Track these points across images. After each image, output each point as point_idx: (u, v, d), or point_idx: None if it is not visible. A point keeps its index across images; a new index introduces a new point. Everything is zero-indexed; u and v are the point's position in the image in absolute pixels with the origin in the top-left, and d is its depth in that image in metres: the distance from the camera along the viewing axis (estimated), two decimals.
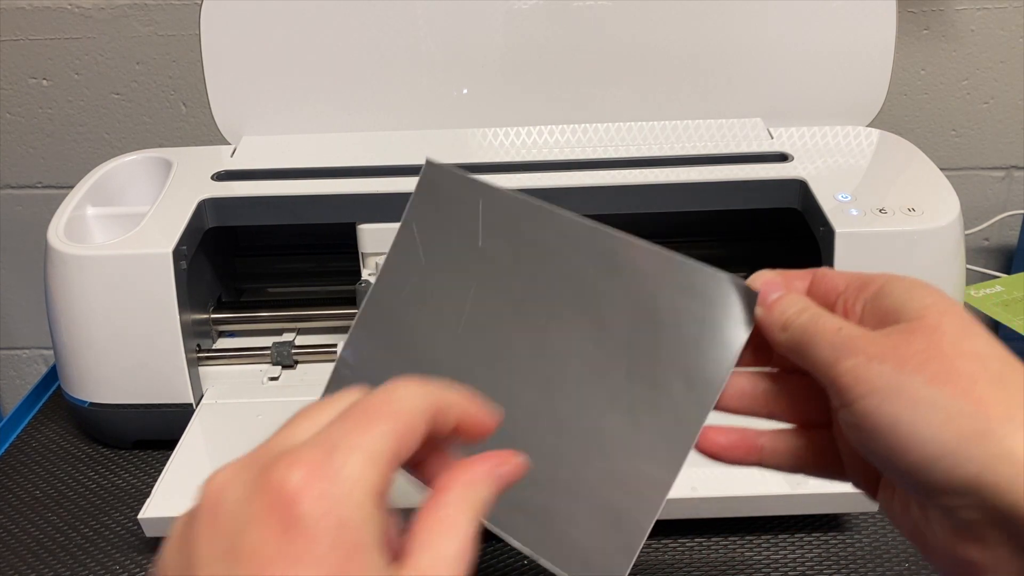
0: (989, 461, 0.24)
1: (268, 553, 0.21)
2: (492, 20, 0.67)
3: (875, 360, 0.27)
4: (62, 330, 0.57)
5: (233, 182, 0.62)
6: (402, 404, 0.25)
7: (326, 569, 0.21)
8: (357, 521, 0.22)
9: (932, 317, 0.27)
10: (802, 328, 0.29)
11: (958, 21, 0.90)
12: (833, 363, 0.28)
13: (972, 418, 0.25)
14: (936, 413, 0.25)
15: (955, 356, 0.26)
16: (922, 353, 0.26)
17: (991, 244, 1.00)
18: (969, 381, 0.25)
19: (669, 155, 0.63)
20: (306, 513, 0.22)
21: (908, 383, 0.26)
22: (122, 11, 0.91)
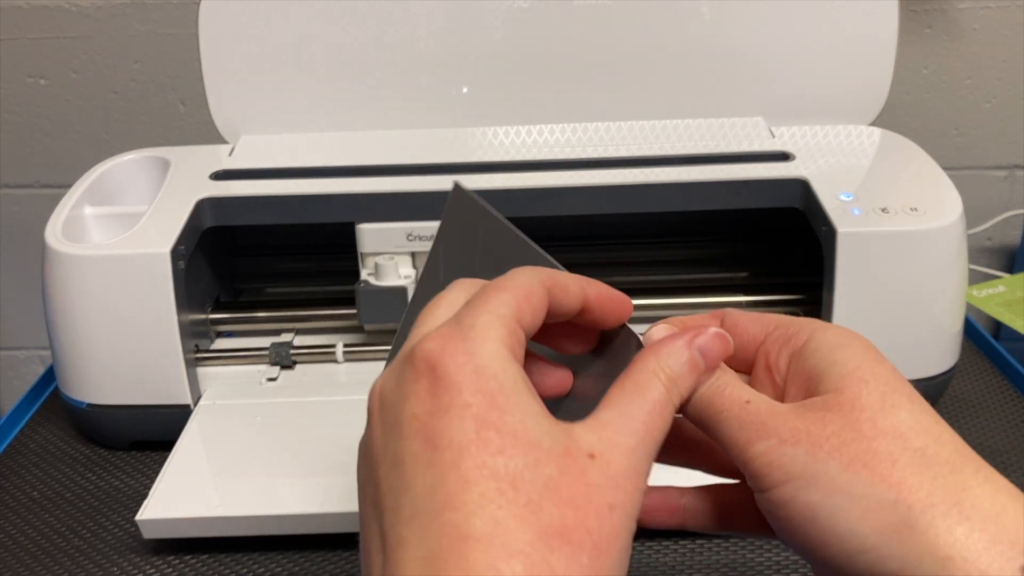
0: (911, 557, 0.23)
1: (422, 413, 0.23)
2: (492, 19, 0.66)
3: (788, 443, 0.25)
4: (59, 330, 0.56)
5: (231, 181, 0.62)
6: (516, 279, 0.26)
7: (474, 411, 0.22)
8: (494, 368, 0.23)
9: (851, 388, 0.25)
10: (706, 401, 0.27)
11: (960, 20, 0.89)
12: (744, 446, 0.26)
13: (891, 509, 0.23)
14: (854, 504, 0.23)
15: (873, 436, 0.24)
16: (838, 435, 0.24)
17: (994, 244, 1.00)
18: (888, 463, 0.24)
19: (670, 154, 0.63)
20: (446, 369, 0.23)
21: (824, 470, 0.24)
22: (120, 10, 0.91)
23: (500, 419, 0.23)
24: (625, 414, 0.25)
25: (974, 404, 0.62)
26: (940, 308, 0.56)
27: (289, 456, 0.53)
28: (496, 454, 0.22)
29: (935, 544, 0.23)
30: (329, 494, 0.49)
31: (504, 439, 0.22)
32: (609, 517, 0.22)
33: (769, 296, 0.63)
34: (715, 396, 0.27)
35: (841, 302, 0.54)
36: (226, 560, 0.50)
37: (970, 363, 0.67)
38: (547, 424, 0.23)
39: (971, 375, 0.66)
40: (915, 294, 0.55)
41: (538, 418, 0.23)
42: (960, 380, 0.64)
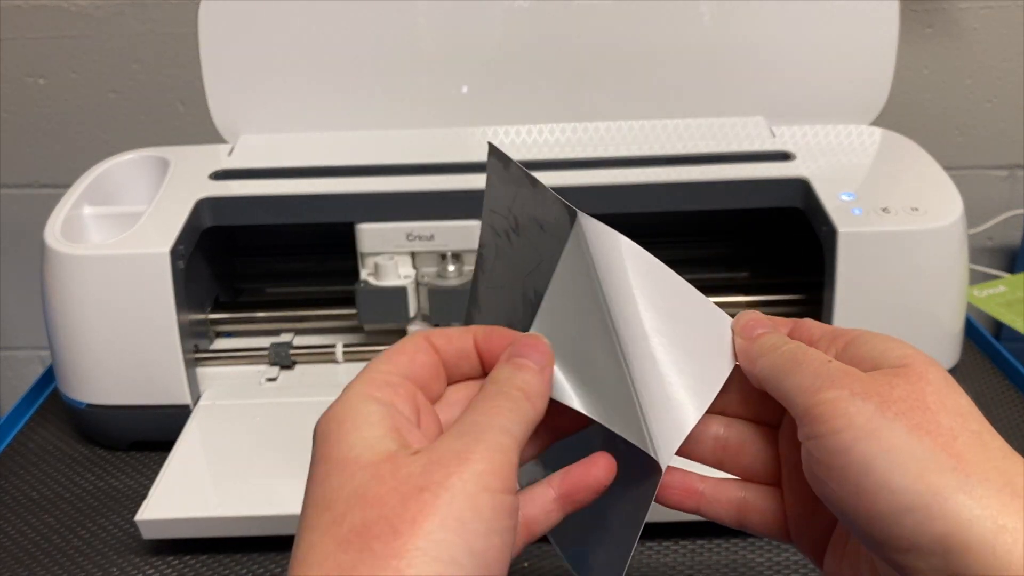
0: (961, 521, 0.23)
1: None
2: (491, 18, 0.66)
3: (859, 396, 0.26)
4: (59, 331, 0.56)
5: (231, 181, 0.62)
6: (397, 343, 0.30)
7: (317, 454, 0.27)
8: (340, 411, 0.27)
9: (917, 365, 0.27)
10: (789, 354, 0.29)
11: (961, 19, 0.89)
12: (815, 391, 0.27)
13: (950, 473, 0.24)
14: (912, 462, 0.24)
15: (938, 409, 0.25)
16: (905, 400, 0.25)
17: (994, 243, 1.00)
18: (950, 435, 0.25)
19: (670, 154, 0.63)
20: (313, 436, 0.28)
21: (888, 427, 0.25)
22: (119, 9, 0.91)
23: (329, 451, 0.26)
24: (459, 422, 0.28)
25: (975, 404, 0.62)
26: (941, 308, 0.56)
27: (289, 456, 0.52)
28: (321, 483, 0.26)
29: (990, 512, 0.23)
30: None
31: (330, 466, 0.26)
32: (418, 498, 0.24)
33: (769, 296, 0.63)
34: (799, 351, 0.29)
35: (842, 302, 0.54)
36: (225, 560, 0.50)
37: (971, 363, 0.67)
38: (375, 441, 0.26)
39: (972, 375, 0.65)
40: (916, 294, 0.55)
41: (368, 439, 0.26)
42: (960, 380, 0.63)
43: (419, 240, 0.59)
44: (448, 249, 0.60)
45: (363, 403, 0.27)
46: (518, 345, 0.30)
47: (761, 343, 0.30)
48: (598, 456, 0.30)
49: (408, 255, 0.60)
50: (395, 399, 0.28)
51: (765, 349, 0.30)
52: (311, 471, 0.27)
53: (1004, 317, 0.71)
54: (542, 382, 0.29)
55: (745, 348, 0.31)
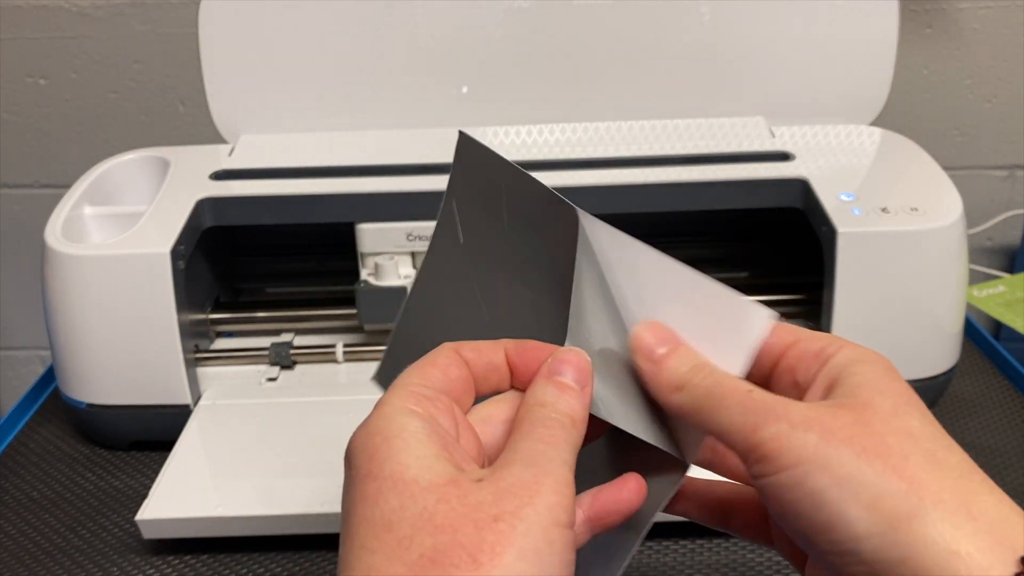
0: (916, 547, 0.23)
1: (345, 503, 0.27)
2: (491, 18, 0.66)
3: (799, 428, 0.25)
4: (59, 330, 0.56)
5: (231, 181, 0.62)
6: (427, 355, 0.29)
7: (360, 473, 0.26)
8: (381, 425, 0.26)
9: (864, 394, 0.26)
10: (706, 390, 0.27)
11: (961, 20, 0.89)
12: (752, 430, 0.25)
13: (902, 498, 0.23)
14: (864, 491, 0.24)
15: (886, 432, 0.25)
16: (850, 427, 0.25)
17: (994, 244, 1.00)
18: (900, 457, 0.24)
19: (670, 154, 0.63)
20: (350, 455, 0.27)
21: (835, 456, 0.24)
22: (120, 9, 0.91)
23: (379, 468, 0.25)
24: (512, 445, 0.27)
25: (974, 404, 0.62)
26: (940, 308, 0.56)
27: (289, 456, 0.52)
28: (375, 502, 0.25)
29: (942, 537, 0.23)
30: (329, 494, 0.49)
31: (382, 484, 0.25)
32: (493, 527, 0.23)
33: (769, 296, 0.63)
34: (714, 386, 0.27)
35: (841, 302, 0.54)
36: (226, 560, 0.50)
37: (970, 363, 0.67)
38: (431, 461, 0.25)
39: (971, 375, 0.65)
40: (915, 294, 0.55)
41: (423, 458, 0.25)
42: (960, 380, 0.64)
43: (419, 240, 0.59)
44: None
45: (406, 418, 0.26)
46: (556, 362, 0.29)
47: (670, 370, 0.28)
48: (628, 478, 0.29)
49: (408, 255, 0.60)
50: (436, 413, 0.27)
51: (678, 380, 0.28)
52: (357, 488, 0.25)
53: (1004, 317, 0.71)
54: (584, 405, 0.29)
55: (652, 374, 0.29)
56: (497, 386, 0.30)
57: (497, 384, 0.30)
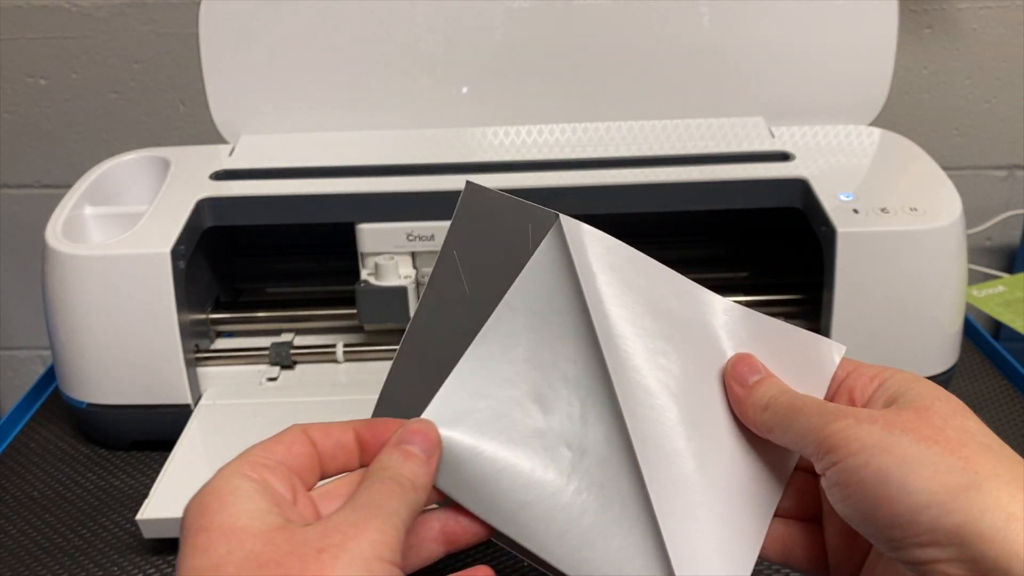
0: (974, 513, 0.25)
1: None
2: (492, 19, 0.66)
3: (864, 422, 0.28)
4: (60, 330, 0.56)
5: (231, 181, 0.62)
6: (270, 437, 0.31)
7: (190, 527, 0.27)
8: (215, 485, 0.28)
9: (923, 401, 0.29)
10: (786, 404, 0.31)
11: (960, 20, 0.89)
12: (821, 426, 0.29)
13: (959, 472, 0.26)
14: (924, 467, 0.26)
15: (944, 427, 0.27)
16: (911, 421, 0.28)
17: (993, 244, 1.00)
18: (958, 444, 0.27)
19: (670, 154, 0.63)
20: (183, 516, 0.28)
21: (898, 441, 0.27)
22: (120, 10, 0.91)
23: (210, 521, 0.26)
24: (353, 499, 0.28)
25: (974, 404, 0.62)
26: (940, 308, 0.56)
27: None
28: (203, 552, 0.26)
29: (998, 504, 0.25)
30: None
31: (212, 534, 0.26)
32: (317, 558, 0.25)
33: (769, 296, 0.63)
34: (794, 400, 0.31)
35: (841, 302, 0.54)
36: None
37: (970, 363, 0.67)
38: (262, 513, 0.26)
39: (971, 375, 0.66)
40: (915, 294, 0.55)
41: (253, 511, 0.26)
42: (960, 380, 0.64)
43: (419, 240, 0.59)
44: None
45: (240, 480, 0.28)
46: (406, 432, 0.31)
47: (759, 395, 0.32)
48: (477, 571, 0.31)
49: (408, 255, 0.60)
50: (272, 480, 0.28)
51: (765, 401, 0.32)
52: (189, 542, 0.26)
53: (1003, 317, 0.71)
54: (428, 473, 0.30)
55: (742, 398, 0.32)
56: (345, 465, 0.31)
57: (345, 463, 0.31)
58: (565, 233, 0.33)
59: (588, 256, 0.33)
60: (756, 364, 0.33)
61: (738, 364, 0.33)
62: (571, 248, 0.33)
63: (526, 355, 0.33)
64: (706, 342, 0.34)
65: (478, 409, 0.32)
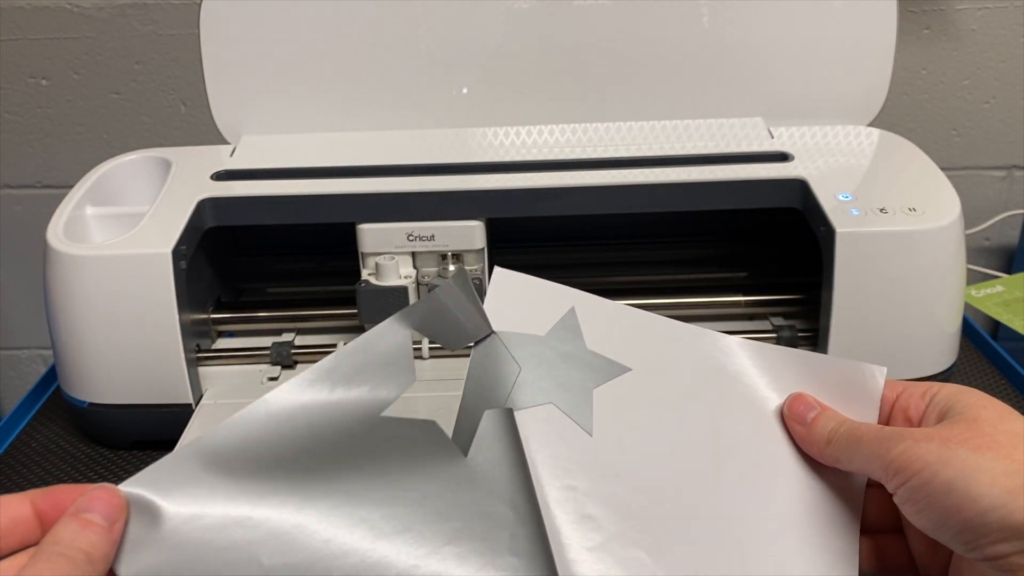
0: None
1: None
2: (492, 19, 0.67)
3: (922, 441, 0.30)
4: (61, 330, 0.56)
5: (232, 182, 0.62)
6: None
7: None
8: None
9: (971, 411, 0.31)
10: (847, 434, 0.33)
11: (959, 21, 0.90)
12: (884, 452, 0.31)
13: (1015, 475, 0.28)
14: (983, 474, 0.28)
15: (994, 433, 0.30)
16: (964, 433, 0.30)
17: (992, 244, 1.00)
18: (1010, 448, 0.29)
19: (669, 155, 0.63)
20: None
21: (955, 454, 0.29)
22: (121, 10, 0.91)
23: None
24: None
25: None
26: (938, 308, 0.56)
27: None
28: None
29: None
30: None
31: None
32: None
33: (768, 296, 0.64)
34: (853, 428, 0.33)
35: (840, 302, 0.54)
36: None
37: (968, 363, 0.67)
38: None
39: (969, 375, 0.66)
40: (914, 294, 0.55)
41: None
42: (958, 380, 0.65)
43: (420, 240, 0.59)
44: (448, 249, 0.60)
45: None
46: (86, 500, 0.29)
47: (819, 429, 0.34)
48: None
49: (409, 255, 0.60)
50: None
51: (827, 436, 0.34)
52: None
53: (1002, 317, 0.71)
54: (110, 541, 0.28)
55: (804, 436, 0.35)
56: (24, 540, 0.29)
57: (23, 538, 0.29)
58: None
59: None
60: (810, 401, 0.35)
61: (794, 404, 0.36)
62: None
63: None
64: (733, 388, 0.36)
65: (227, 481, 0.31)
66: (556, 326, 0.36)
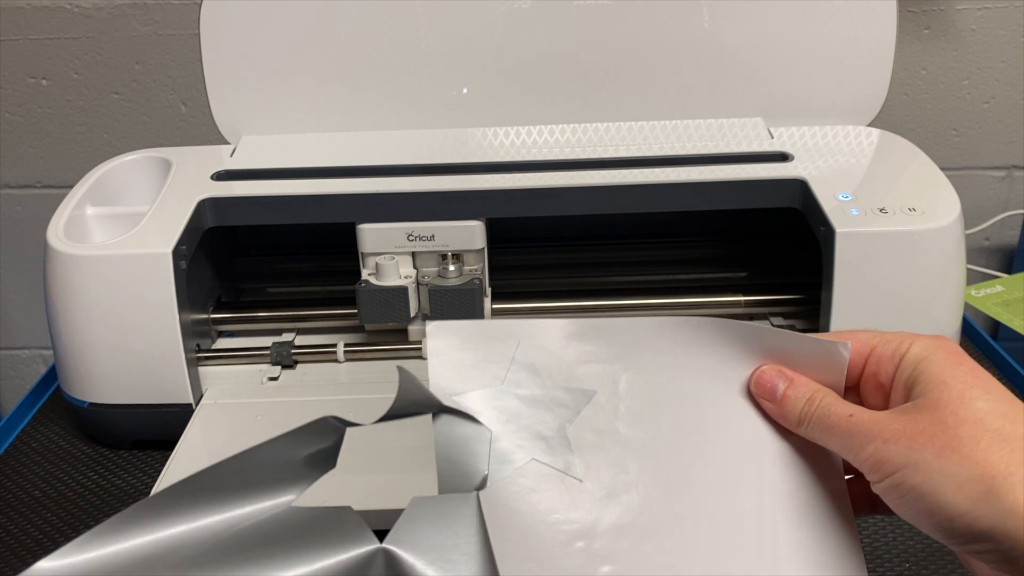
0: (999, 517, 0.28)
1: None
2: (492, 19, 0.67)
3: (890, 442, 0.30)
4: (61, 330, 0.57)
5: (233, 182, 0.62)
6: None
7: None
8: None
9: (934, 391, 0.31)
10: (817, 421, 0.33)
11: (959, 21, 0.90)
12: (855, 451, 0.31)
13: (979, 481, 0.28)
14: (948, 481, 0.29)
15: (956, 424, 0.30)
16: (929, 429, 0.30)
17: (991, 244, 1.00)
18: (972, 445, 0.29)
19: (669, 155, 0.63)
20: None
21: (921, 458, 0.29)
22: (121, 11, 0.91)
23: None
24: None
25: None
26: (938, 308, 0.56)
27: None
28: None
29: (1016, 505, 0.28)
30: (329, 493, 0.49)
31: None
32: None
33: (768, 296, 0.64)
34: (823, 416, 0.33)
35: (840, 302, 0.55)
36: None
37: None
38: None
39: None
40: (913, 294, 0.55)
41: None
42: None
43: (420, 240, 0.59)
44: (448, 249, 0.60)
45: None
46: None
47: (791, 409, 0.34)
48: None
49: (409, 255, 0.61)
50: None
51: (798, 416, 0.34)
52: None
53: (1001, 317, 0.71)
54: None
55: (776, 413, 0.35)
56: None
57: None
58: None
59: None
60: (777, 371, 0.35)
61: (760, 381, 0.35)
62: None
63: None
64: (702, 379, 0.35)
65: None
66: (510, 368, 0.34)
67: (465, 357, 0.34)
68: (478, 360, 0.34)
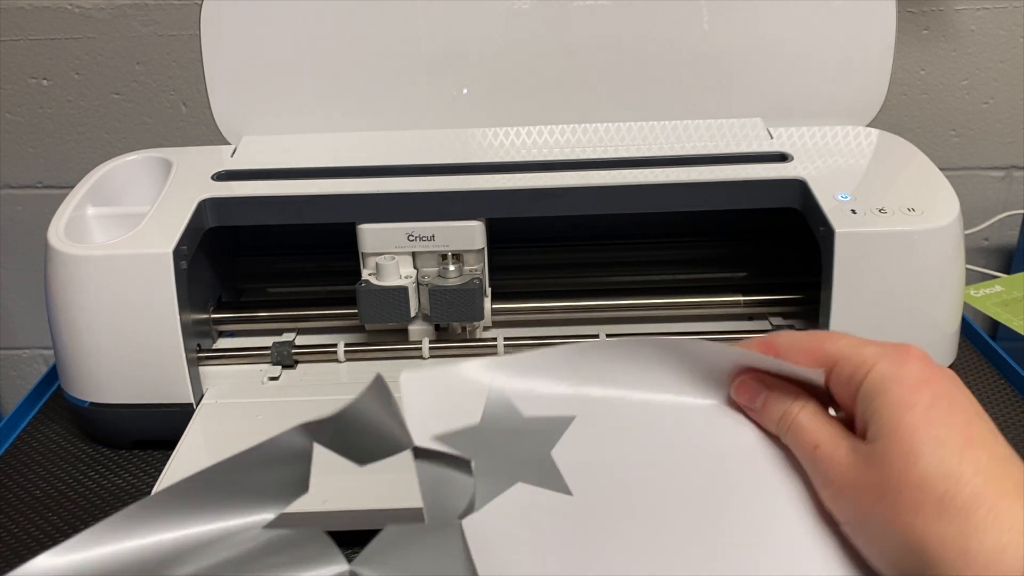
0: None
1: None
2: (492, 20, 0.67)
3: (841, 494, 0.31)
4: (62, 330, 0.57)
5: (233, 182, 0.62)
6: None
7: None
8: None
9: (882, 441, 0.30)
10: (790, 441, 0.33)
11: (958, 21, 0.90)
12: (816, 484, 0.32)
13: (916, 556, 0.28)
14: (888, 552, 0.29)
15: (899, 489, 0.29)
16: (878, 486, 0.30)
17: (991, 244, 1.01)
18: (913, 514, 0.28)
19: (669, 155, 0.63)
20: None
21: (868, 519, 0.30)
22: (122, 11, 0.91)
23: None
24: None
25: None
26: (937, 308, 0.56)
27: None
28: None
29: None
30: (330, 492, 0.49)
31: None
32: None
33: (768, 296, 0.64)
34: (793, 440, 0.33)
35: (839, 302, 0.55)
36: None
37: (967, 363, 0.67)
38: None
39: (968, 375, 0.66)
40: (913, 294, 0.55)
41: None
42: None
43: (420, 240, 0.60)
44: (449, 249, 0.60)
45: None
46: None
47: (770, 417, 0.34)
48: None
49: (409, 255, 0.61)
50: None
51: (776, 428, 0.34)
52: None
53: (1001, 317, 0.71)
54: None
55: (759, 419, 0.35)
56: None
57: None
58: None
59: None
60: (753, 385, 0.34)
61: (739, 391, 0.35)
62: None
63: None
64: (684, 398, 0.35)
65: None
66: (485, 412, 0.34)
67: (443, 405, 0.34)
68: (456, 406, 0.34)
